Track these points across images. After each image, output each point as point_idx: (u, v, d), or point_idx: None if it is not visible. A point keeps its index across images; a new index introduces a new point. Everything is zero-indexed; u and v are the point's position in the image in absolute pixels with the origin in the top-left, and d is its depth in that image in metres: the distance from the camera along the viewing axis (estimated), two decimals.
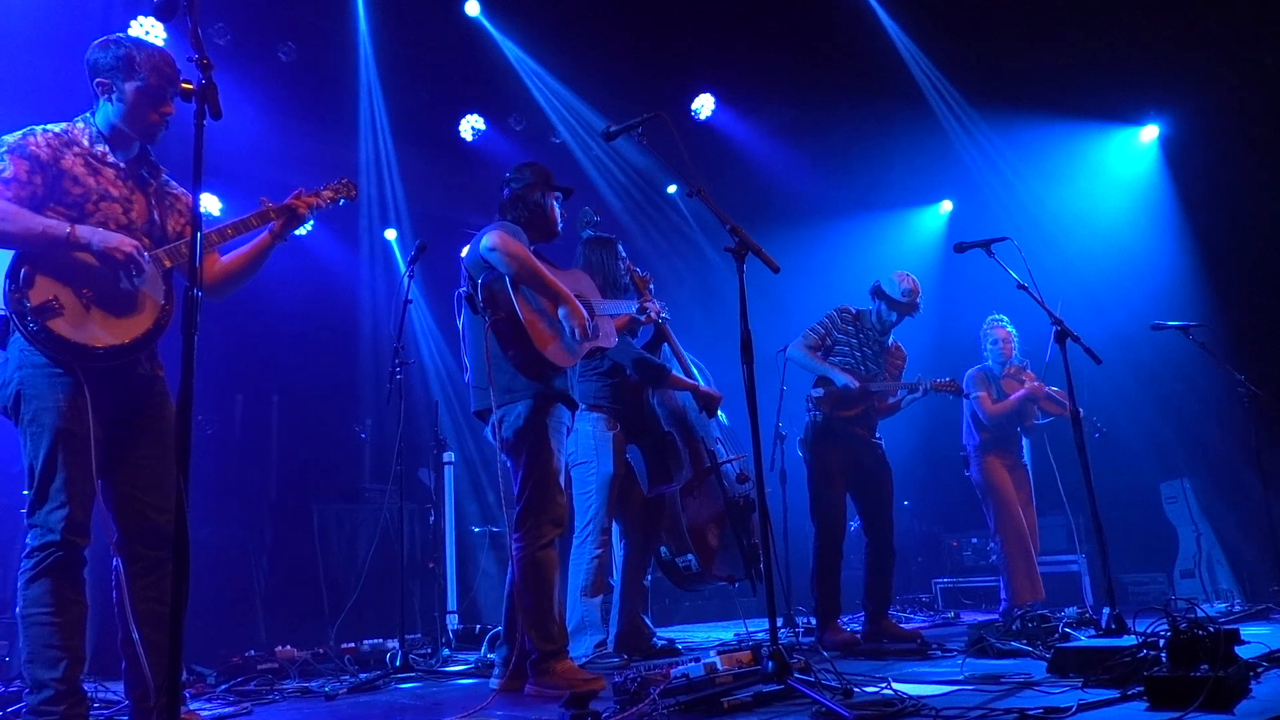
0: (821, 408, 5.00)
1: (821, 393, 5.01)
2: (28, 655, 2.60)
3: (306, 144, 7.27)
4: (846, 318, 5.10)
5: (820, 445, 4.98)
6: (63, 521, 2.60)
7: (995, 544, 6.27)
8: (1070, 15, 7.19)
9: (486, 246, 3.53)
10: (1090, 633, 3.88)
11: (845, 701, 2.68)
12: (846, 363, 5.02)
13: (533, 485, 3.56)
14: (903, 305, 5.05)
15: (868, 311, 5.16)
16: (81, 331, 2.65)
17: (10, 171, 2.66)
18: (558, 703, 3.20)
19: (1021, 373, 6.22)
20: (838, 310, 5.13)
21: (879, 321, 5.11)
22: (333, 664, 4.71)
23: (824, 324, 5.08)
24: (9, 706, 3.40)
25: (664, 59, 7.89)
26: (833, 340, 5.05)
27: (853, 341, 5.07)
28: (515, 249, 3.52)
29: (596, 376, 4.68)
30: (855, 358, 5.04)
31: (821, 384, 5.03)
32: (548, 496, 3.55)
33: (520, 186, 3.90)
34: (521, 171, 3.95)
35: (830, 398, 4.97)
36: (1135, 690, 2.55)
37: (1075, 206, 8.25)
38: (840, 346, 5.05)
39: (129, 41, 2.87)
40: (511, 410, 3.62)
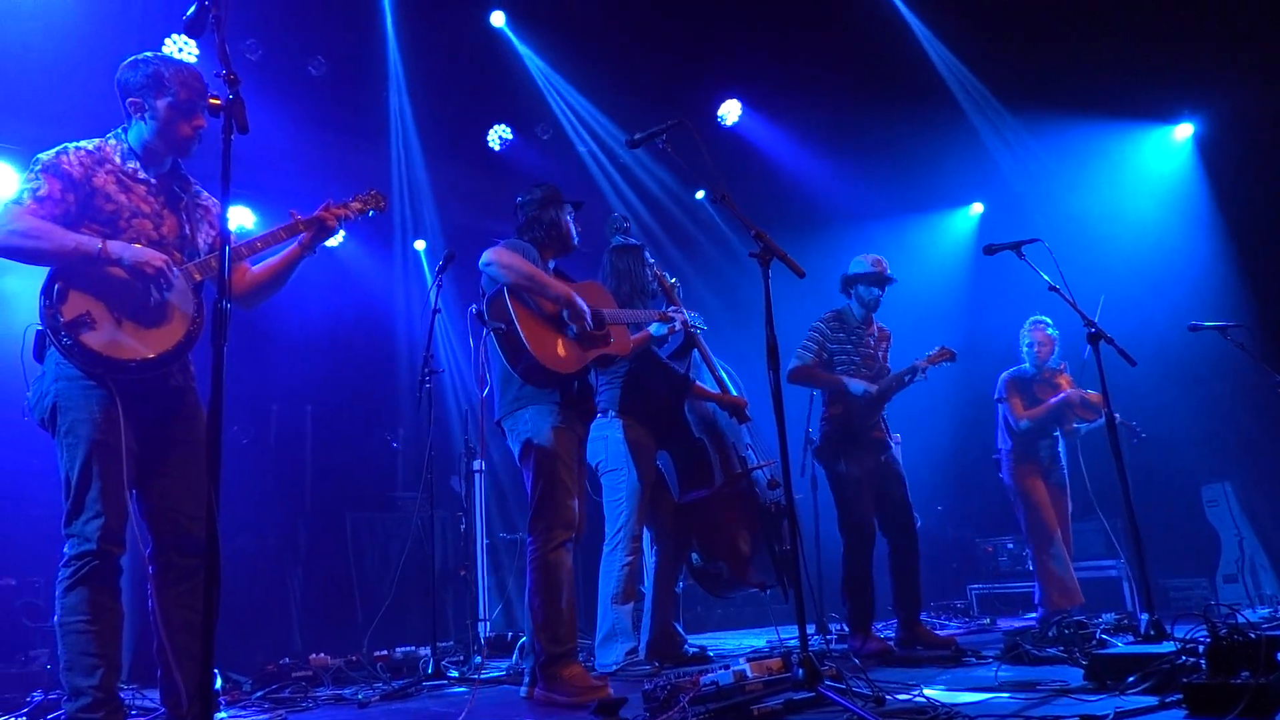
0: (836, 423, 4.95)
1: (840, 409, 4.96)
2: (65, 663, 2.64)
3: (338, 156, 7.36)
4: (833, 325, 5.03)
5: (842, 455, 4.92)
6: (98, 531, 2.64)
7: (1029, 549, 6.17)
8: (1103, 13, 7.09)
9: (483, 263, 3.66)
10: (1128, 639, 3.82)
11: (877, 709, 2.66)
12: (848, 369, 4.95)
13: (542, 489, 3.61)
14: (877, 276, 4.97)
15: (846, 307, 5.09)
16: (113, 345, 2.69)
17: (45, 190, 2.72)
18: (569, 710, 3.21)
19: (1057, 376, 6.11)
20: (822, 320, 5.05)
21: (862, 308, 5.03)
22: (366, 671, 4.75)
23: (815, 337, 5.01)
24: (49, 713, 3.45)
25: (690, 66, 7.89)
26: (829, 352, 4.98)
27: (847, 346, 5.00)
28: (508, 259, 3.61)
29: (625, 383, 4.68)
30: (855, 362, 4.98)
31: (834, 400, 4.98)
32: (557, 501, 3.60)
33: (534, 208, 4.01)
34: (532, 193, 4.05)
35: (846, 413, 4.92)
36: (1174, 698, 2.50)
37: (1108, 207, 8.14)
38: (838, 355, 4.98)
39: (156, 59, 2.92)
40: (520, 418, 3.71)
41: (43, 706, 3.57)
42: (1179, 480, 7.45)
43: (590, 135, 8.30)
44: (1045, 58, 7.52)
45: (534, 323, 3.62)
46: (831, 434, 4.98)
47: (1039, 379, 6.13)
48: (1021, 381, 6.17)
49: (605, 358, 3.89)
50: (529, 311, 3.64)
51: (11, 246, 2.66)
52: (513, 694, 3.72)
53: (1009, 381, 6.17)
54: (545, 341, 3.62)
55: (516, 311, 3.58)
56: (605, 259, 4.85)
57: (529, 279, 3.61)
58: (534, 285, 3.62)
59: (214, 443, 2.05)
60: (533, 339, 3.57)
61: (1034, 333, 6.14)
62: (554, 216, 3.96)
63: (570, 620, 3.56)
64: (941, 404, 5.46)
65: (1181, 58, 7.17)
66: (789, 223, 8.58)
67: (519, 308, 3.60)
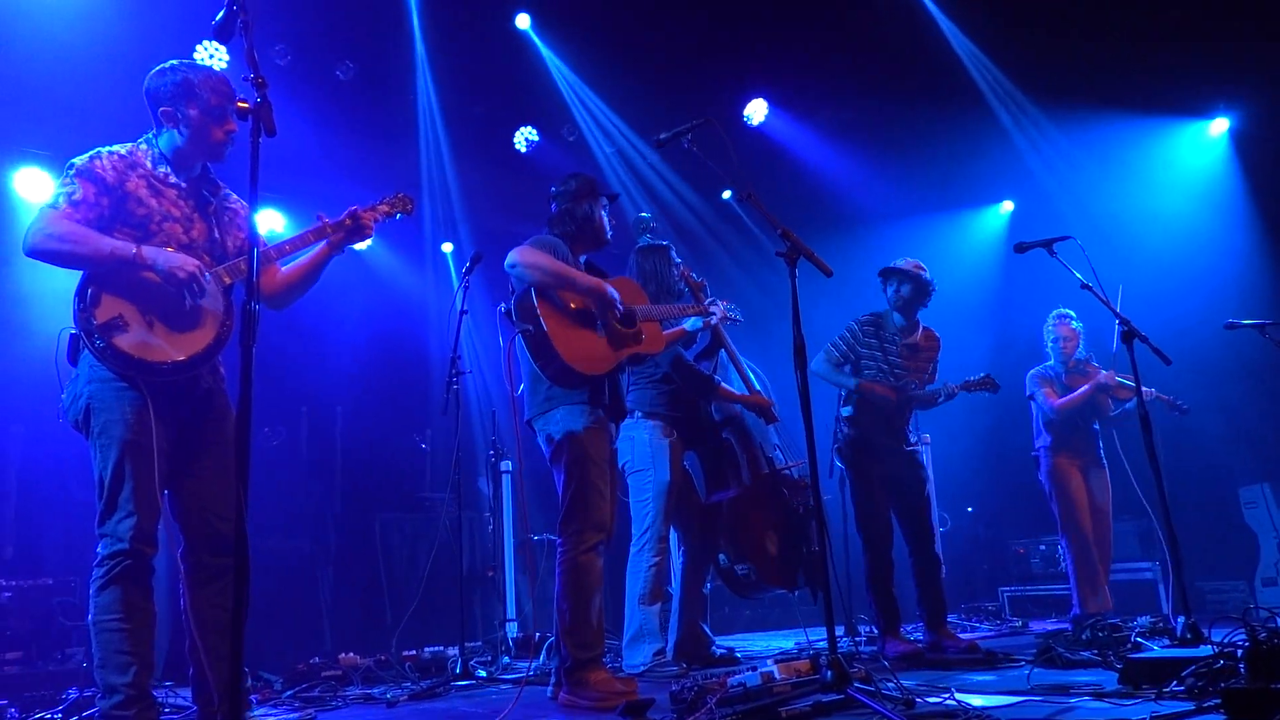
0: (854, 426, 4.91)
1: (851, 411, 4.91)
2: (99, 660, 2.68)
3: (366, 158, 7.41)
4: (867, 329, 4.95)
5: (858, 460, 4.88)
6: (131, 530, 2.68)
7: (1062, 548, 6.09)
8: (1136, 7, 6.99)
9: (508, 265, 3.58)
10: (1164, 642, 3.75)
11: (907, 712, 2.63)
12: (875, 375, 4.89)
13: (573, 491, 3.56)
14: (914, 275, 4.87)
15: (886, 312, 5.01)
16: (145, 347, 2.74)
17: (79, 194, 2.76)
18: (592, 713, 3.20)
19: (1086, 367, 6.03)
20: (856, 322, 4.98)
21: (901, 309, 4.93)
22: (394, 671, 4.77)
23: (845, 339, 4.95)
24: (83, 711, 3.50)
25: (714, 65, 7.86)
26: (857, 355, 4.91)
27: (877, 353, 4.92)
28: (533, 257, 3.54)
29: (652, 384, 4.67)
30: (883, 368, 4.91)
31: (850, 401, 4.94)
32: (589, 502, 3.54)
33: (567, 200, 3.92)
34: (566, 184, 3.96)
35: (861, 415, 4.88)
36: (1212, 703, 2.45)
37: (1142, 204, 8.01)
38: (866, 360, 4.92)
39: (184, 67, 2.95)
40: (550, 418, 3.65)
41: (78, 703, 3.62)
42: (1216, 481, 7.33)
43: (617, 136, 8.31)
44: (1076, 52, 7.42)
45: (562, 323, 3.56)
46: (846, 436, 4.95)
47: (1068, 373, 6.04)
48: (1049, 376, 6.10)
49: (637, 355, 3.81)
50: (557, 311, 3.57)
51: (48, 250, 2.71)
52: (540, 694, 3.72)
53: (1037, 377, 6.10)
54: (574, 342, 3.55)
55: (543, 312, 3.51)
56: (631, 259, 4.84)
57: (555, 275, 3.54)
58: (561, 281, 3.55)
59: (242, 443, 2.07)
60: (561, 340, 3.50)
61: (1058, 327, 6.05)
62: (587, 210, 3.86)
63: (598, 626, 3.52)
64: (972, 404, 5.39)
65: (1217, 52, 7.04)
66: (816, 223, 8.52)
67: (546, 308, 3.53)
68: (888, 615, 4.68)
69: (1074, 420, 5.97)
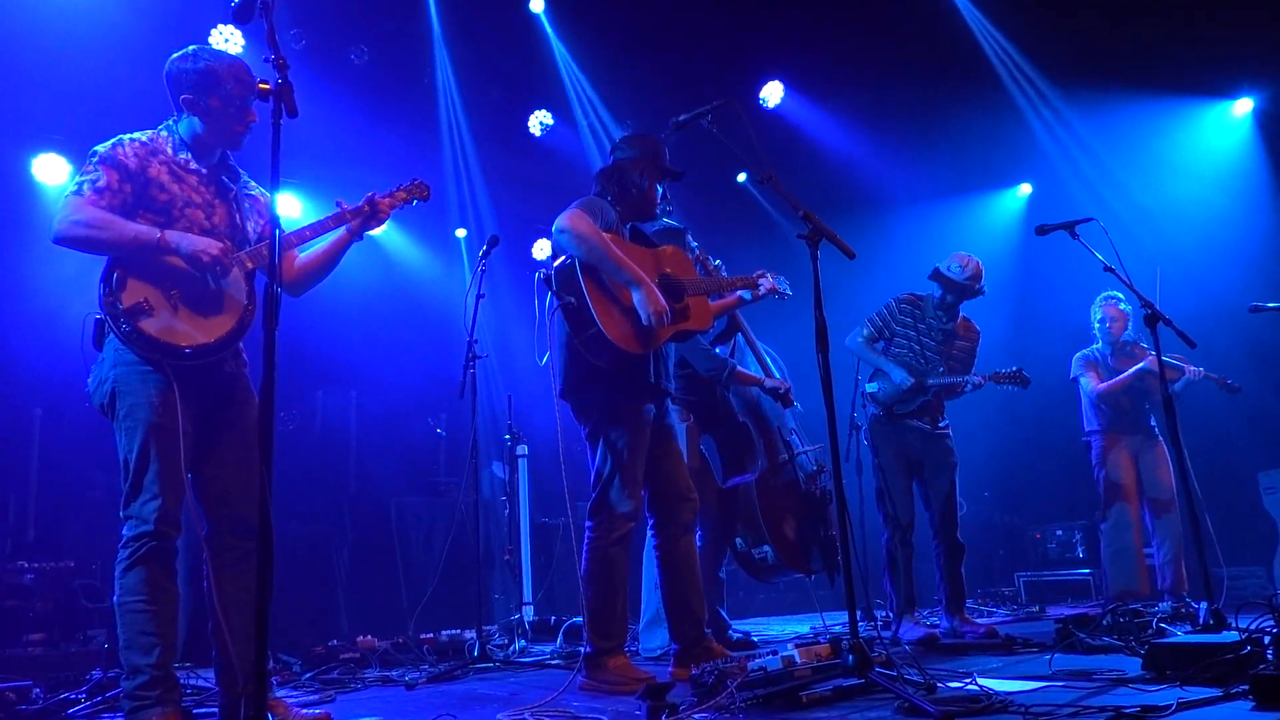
0: (877, 403, 4.90)
1: (876, 388, 4.90)
2: (124, 641, 2.70)
3: (383, 143, 7.39)
4: (905, 308, 4.95)
5: (881, 440, 4.89)
6: (156, 512, 2.69)
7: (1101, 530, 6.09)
8: None
9: (556, 229, 3.41)
10: (1186, 628, 3.72)
11: (929, 697, 2.62)
12: (906, 355, 4.88)
13: (606, 474, 3.47)
14: (958, 286, 4.85)
15: (929, 296, 4.99)
16: (170, 331, 2.75)
17: (103, 181, 2.77)
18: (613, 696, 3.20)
19: (1134, 349, 5.98)
20: (896, 300, 4.99)
21: (940, 305, 4.94)
22: (412, 654, 4.80)
23: (883, 315, 4.96)
24: (107, 691, 3.53)
25: (730, 48, 7.81)
26: (891, 331, 4.91)
27: (911, 333, 4.92)
28: (584, 229, 3.36)
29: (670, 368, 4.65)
30: (915, 349, 4.90)
31: (877, 378, 4.93)
32: (621, 489, 3.44)
33: (624, 159, 3.73)
34: (631, 144, 3.77)
35: (885, 393, 4.87)
36: (1239, 689, 2.43)
37: (1162, 186, 7.92)
38: (900, 338, 4.91)
39: (207, 55, 2.94)
40: (586, 397, 3.54)
41: (101, 684, 3.65)
42: (1236, 466, 7.26)
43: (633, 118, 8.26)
44: (1095, 32, 7.32)
45: (607, 297, 3.40)
46: (869, 416, 4.96)
47: (1115, 355, 5.99)
48: (1095, 360, 6.07)
49: (684, 332, 3.66)
50: (600, 288, 3.40)
51: (74, 236, 2.72)
52: (561, 678, 3.72)
53: (1083, 360, 6.08)
54: (618, 318, 3.38)
55: (588, 285, 3.37)
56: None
57: (601, 258, 3.35)
58: (605, 265, 3.37)
59: (266, 425, 2.08)
60: (604, 315, 3.35)
61: (1105, 308, 6.00)
62: (640, 181, 3.69)
63: (621, 615, 3.46)
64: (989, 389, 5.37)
65: (1240, 30, 6.93)
66: (833, 205, 8.46)
67: (590, 281, 3.38)
68: (904, 598, 4.67)
69: (1122, 403, 5.94)
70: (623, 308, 3.43)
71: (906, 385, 4.77)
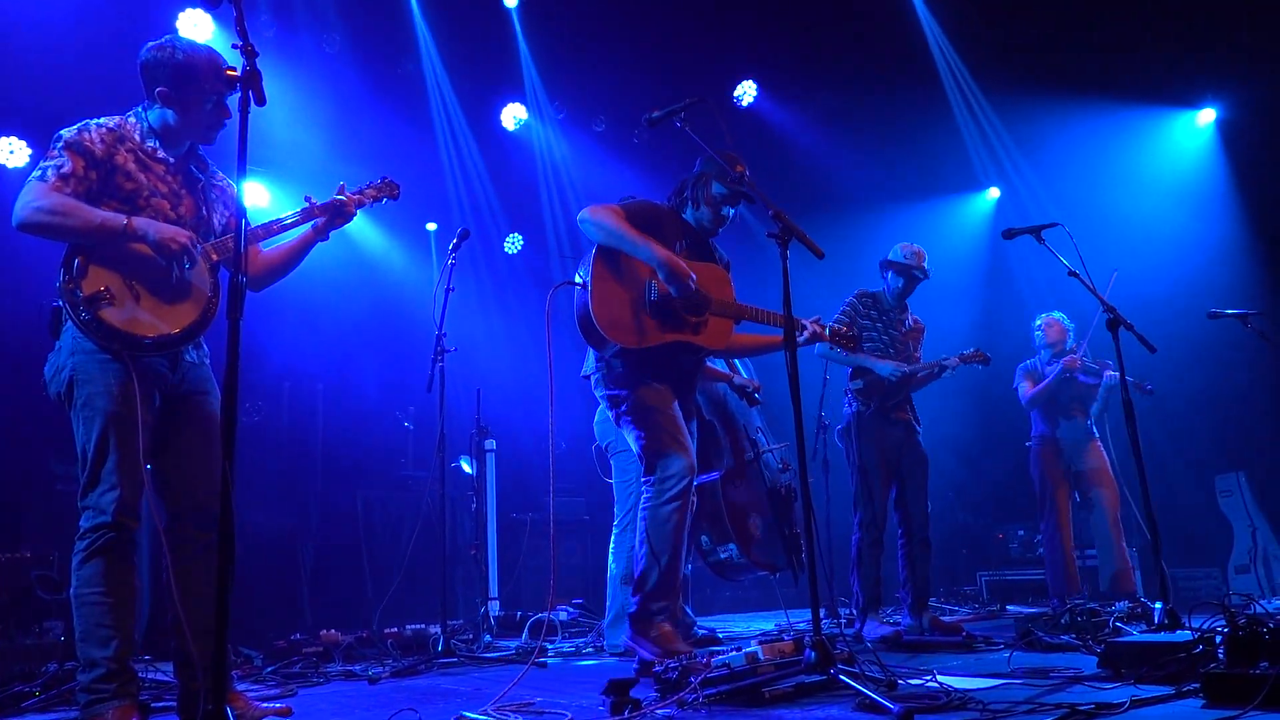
0: (863, 399, 4.91)
1: (862, 384, 4.92)
2: (80, 634, 2.66)
3: (353, 135, 7.33)
4: (866, 301, 4.99)
5: (864, 437, 4.88)
6: (114, 503, 2.65)
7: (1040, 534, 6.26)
8: None
9: (579, 218, 3.56)
10: (1141, 627, 3.79)
11: (890, 693, 2.64)
12: (876, 348, 4.92)
13: (644, 444, 3.56)
14: (907, 268, 4.94)
15: (882, 291, 5.06)
16: (131, 321, 2.71)
17: (69, 167, 2.72)
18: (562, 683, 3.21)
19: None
20: (856, 295, 5.01)
21: (892, 295, 5.01)
22: (376, 648, 4.77)
23: (847, 312, 4.95)
24: (63, 684, 3.48)
25: (705, 45, 7.83)
26: (859, 327, 4.91)
27: (878, 325, 4.96)
28: (600, 216, 3.50)
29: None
30: (883, 342, 4.94)
31: (860, 374, 4.93)
32: (662, 451, 3.52)
33: (694, 173, 3.84)
34: (707, 157, 3.76)
35: (871, 388, 4.89)
36: (1191, 687, 2.48)
37: (1128, 192, 8.05)
38: (868, 333, 4.93)
39: (185, 48, 2.88)
40: (606, 380, 3.66)
41: (57, 677, 3.59)
42: (1192, 469, 7.40)
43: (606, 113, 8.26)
44: (1065, 40, 7.43)
45: (611, 284, 3.51)
46: (855, 412, 4.93)
47: (1053, 363, 6.11)
48: (1031, 369, 6.25)
49: (690, 347, 3.67)
50: (612, 275, 3.52)
51: (37, 222, 2.67)
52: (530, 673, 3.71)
53: (1021, 370, 6.26)
54: (612, 305, 3.49)
55: (597, 270, 3.50)
56: None
57: (618, 237, 3.47)
58: (624, 245, 3.48)
59: (229, 416, 2.05)
60: (599, 299, 3.47)
61: (1046, 330, 6.19)
62: (702, 192, 3.79)
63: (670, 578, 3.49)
64: (954, 390, 5.46)
65: (1205, 41, 7.08)
66: (804, 205, 8.51)
67: (601, 268, 3.51)
68: (870, 596, 4.71)
69: (1056, 409, 6.06)
70: (625, 297, 3.51)
71: (897, 376, 4.78)
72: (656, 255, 3.44)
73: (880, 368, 4.82)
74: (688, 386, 3.81)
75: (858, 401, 4.93)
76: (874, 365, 4.84)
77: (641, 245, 3.46)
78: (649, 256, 3.45)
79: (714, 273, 3.77)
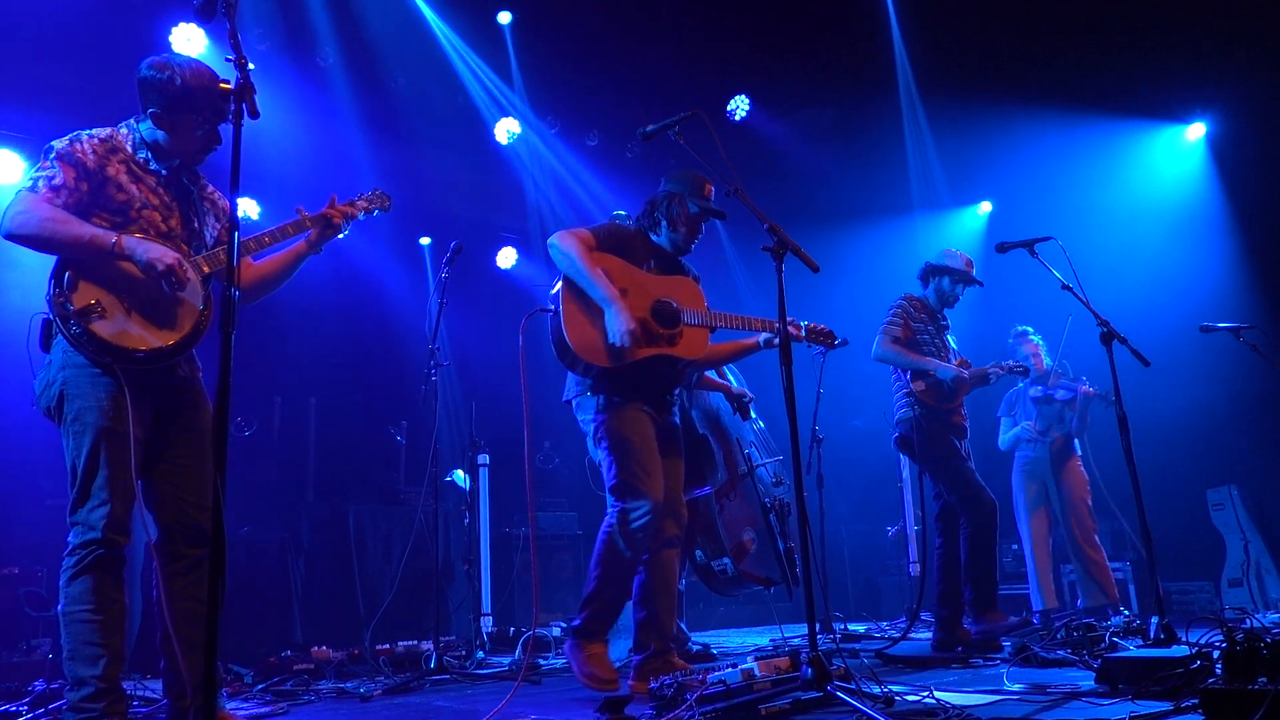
0: (926, 400, 4.76)
1: (924, 386, 4.76)
2: (68, 652, 2.62)
3: (345, 148, 7.32)
4: (916, 305, 4.90)
5: (937, 435, 4.73)
6: (104, 519, 2.62)
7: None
8: (1112, 11, 7.05)
9: (548, 244, 3.60)
10: (1138, 642, 3.78)
11: (887, 710, 2.63)
12: (929, 352, 4.82)
13: (614, 474, 3.59)
14: (962, 274, 4.90)
15: (926, 296, 5.00)
16: (123, 335, 2.68)
17: (60, 178, 2.70)
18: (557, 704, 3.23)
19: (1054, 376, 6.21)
20: (905, 299, 4.92)
21: (939, 301, 4.96)
22: (368, 665, 4.72)
23: (899, 314, 4.84)
24: (51, 703, 3.43)
25: (699, 60, 7.85)
26: (913, 330, 4.83)
27: (929, 329, 4.87)
28: (565, 244, 3.54)
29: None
30: (935, 346, 4.85)
31: (920, 377, 4.78)
32: (629, 483, 3.55)
33: (660, 191, 3.87)
34: (671, 176, 3.87)
35: (932, 390, 4.75)
36: (1190, 703, 2.47)
37: (1119, 207, 8.08)
38: (921, 335, 4.83)
39: (184, 71, 2.83)
40: (584, 404, 3.73)
41: (45, 695, 3.55)
42: (1184, 483, 7.40)
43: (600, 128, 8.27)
44: (1057, 56, 7.48)
45: (582, 310, 3.54)
46: (917, 417, 4.77)
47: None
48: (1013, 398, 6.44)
49: (667, 359, 3.67)
50: (581, 298, 3.55)
51: (25, 234, 2.64)
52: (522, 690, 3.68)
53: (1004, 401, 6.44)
54: (587, 330, 3.52)
55: (566, 296, 3.54)
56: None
57: (578, 274, 3.52)
58: (578, 279, 3.53)
59: (221, 431, 2.03)
60: (573, 327, 3.51)
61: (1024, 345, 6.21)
62: (673, 213, 3.80)
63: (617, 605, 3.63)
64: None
65: (1195, 56, 7.12)
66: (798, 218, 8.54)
67: (570, 293, 3.55)
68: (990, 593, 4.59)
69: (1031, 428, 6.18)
70: (595, 320, 3.55)
71: (962, 380, 4.72)
72: (606, 298, 3.49)
73: (943, 371, 4.70)
74: (668, 401, 3.83)
75: (920, 404, 4.78)
76: (936, 368, 4.72)
77: (595, 285, 3.50)
78: (600, 298, 3.50)
79: (685, 285, 3.81)
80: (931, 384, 4.77)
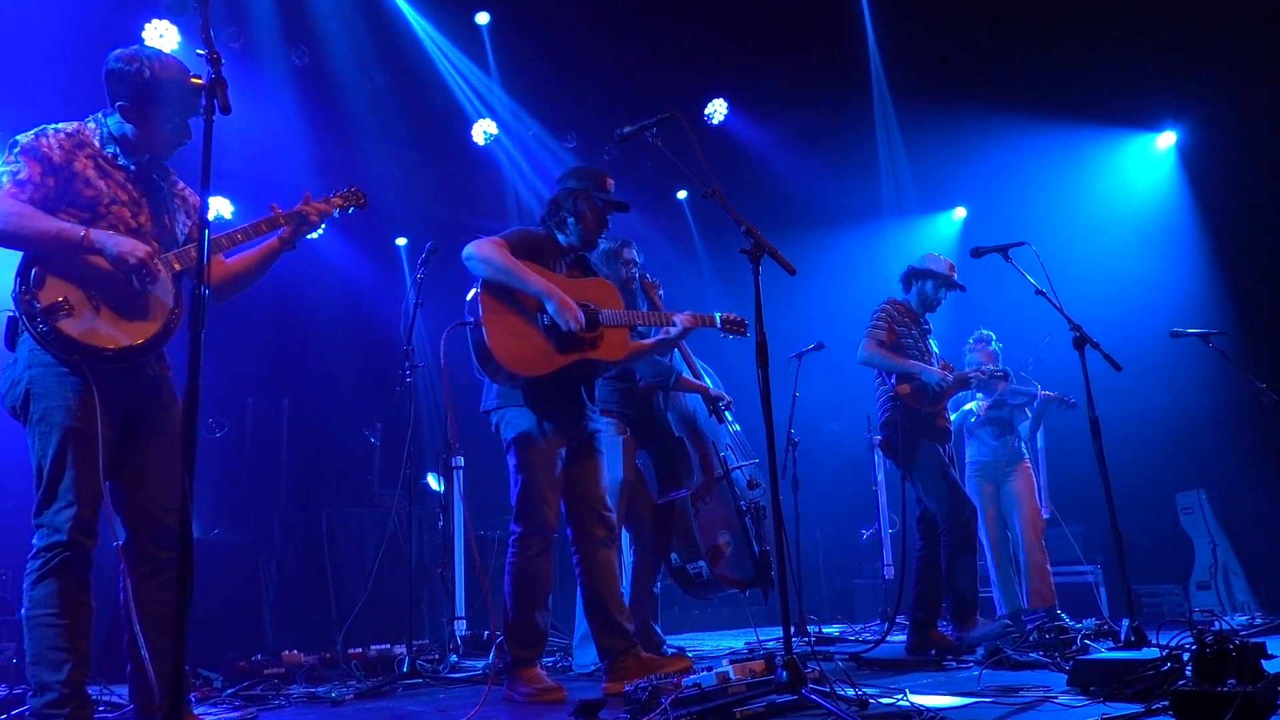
0: (912, 403, 4.77)
1: (909, 389, 4.76)
2: (32, 657, 2.57)
3: (318, 148, 7.27)
4: (900, 308, 4.92)
5: (922, 440, 4.74)
6: (70, 521, 2.57)
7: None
8: (1085, 19, 7.14)
9: (464, 255, 3.55)
10: (1109, 645, 3.81)
11: (862, 713, 2.63)
12: (912, 356, 4.82)
13: (519, 493, 3.60)
14: (949, 279, 4.93)
15: (909, 300, 5.02)
16: (91, 333, 2.63)
17: (25, 173, 2.64)
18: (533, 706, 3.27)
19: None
20: (889, 302, 4.94)
21: (921, 306, 4.98)
22: (340, 669, 4.68)
23: (883, 318, 4.84)
24: (13, 709, 3.37)
25: (677, 63, 7.87)
26: (896, 334, 4.83)
27: (913, 333, 4.88)
28: (485, 251, 3.51)
29: (606, 381, 4.62)
30: (919, 350, 4.86)
31: (905, 380, 4.78)
32: (533, 505, 3.56)
33: (562, 190, 3.85)
34: (574, 174, 3.88)
35: (918, 394, 4.75)
36: (1160, 705, 2.50)
37: (1091, 213, 8.18)
38: (905, 339, 4.85)
39: (153, 63, 2.78)
40: (502, 415, 3.67)
41: (7, 701, 3.48)
42: (1153, 487, 7.49)
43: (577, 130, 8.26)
44: (1030, 63, 7.56)
45: (504, 320, 3.51)
46: (902, 421, 4.76)
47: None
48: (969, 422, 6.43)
49: (590, 363, 3.68)
50: (503, 308, 3.53)
51: None
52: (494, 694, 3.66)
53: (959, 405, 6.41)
54: (511, 341, 3.50)
55: (486, 307, 3.50)
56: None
57: (504, 272, 3.49)
58: (510, 279, 3.50)
59: (190, 431, 2.00)
60: (496, 338, 3.47)
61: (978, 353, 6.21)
62: (580, 208, 3.78)
63: (541, 628, 3.59)
64: None
65: (1166, 65, 7.23)
66: (774, 222, 8.56)
67: (490, 303, 3.51)
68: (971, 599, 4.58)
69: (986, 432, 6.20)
70: (523, 328, 3.54)
71: (947, 384, 4.73)
72: (544, 291, 3.48)
73: (929, 375, 4.71)
74: (589, 408, 3.81)
75: (905, 408, 4.78)
76: (921, 372, 4.73)
77: (530, 282, 3.50)
78: (537, 292, 3.49)
79: (601, 286, 3.83)
80: (916, 387, 4.78)
